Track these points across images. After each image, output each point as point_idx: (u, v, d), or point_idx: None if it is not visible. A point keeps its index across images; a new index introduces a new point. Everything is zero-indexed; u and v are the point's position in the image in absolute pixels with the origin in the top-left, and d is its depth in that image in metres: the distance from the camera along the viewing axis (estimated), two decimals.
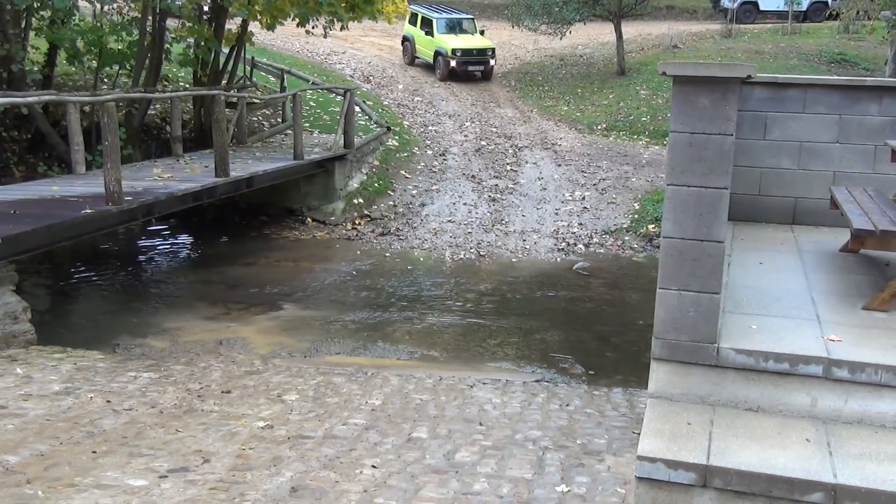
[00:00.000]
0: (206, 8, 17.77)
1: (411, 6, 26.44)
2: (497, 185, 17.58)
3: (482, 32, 27.99)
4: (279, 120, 19.47)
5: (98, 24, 16.16)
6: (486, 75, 27.12)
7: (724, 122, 3.96)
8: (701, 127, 3.99)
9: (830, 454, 3.71)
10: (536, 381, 8.29)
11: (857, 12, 23.50)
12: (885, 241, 5.03)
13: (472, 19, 28.57)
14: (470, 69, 26.66)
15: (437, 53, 26.81)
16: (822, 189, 6.94)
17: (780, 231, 7.00)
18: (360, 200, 16.39)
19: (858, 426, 3.98)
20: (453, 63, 26.11)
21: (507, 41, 31.85)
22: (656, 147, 19.71)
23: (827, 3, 33.00)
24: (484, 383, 7.80)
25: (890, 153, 6.20)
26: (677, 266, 4.13)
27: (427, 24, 27.39)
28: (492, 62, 26.88)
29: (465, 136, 20.91)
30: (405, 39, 28.47)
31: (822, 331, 4.43)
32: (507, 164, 18.90)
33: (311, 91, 21.09)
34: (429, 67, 27.79)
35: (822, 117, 7.17)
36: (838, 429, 3.95)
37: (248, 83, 20.60)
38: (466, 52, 26.32)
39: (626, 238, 14.89)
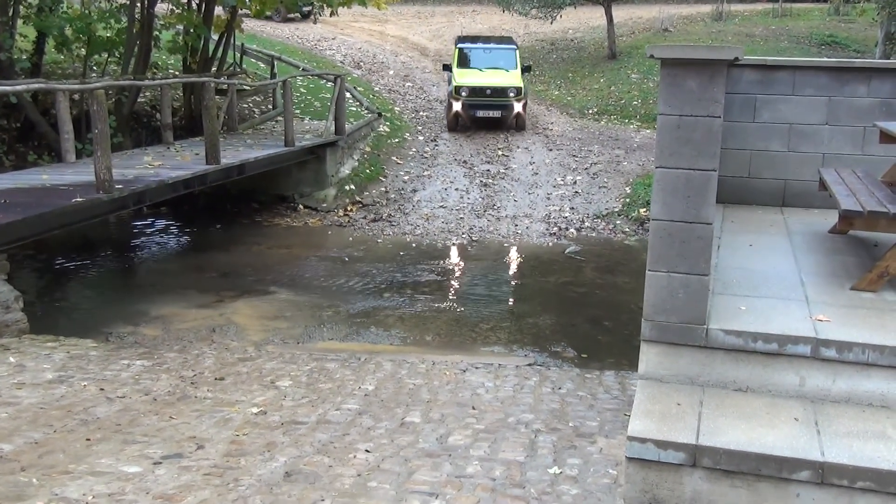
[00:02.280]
0: None
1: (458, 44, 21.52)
2: (489, 170, 17.58)
3: (527, 69, 20.77)
4: (270, 107, 19.41)
5: (86, 12, 16.08)
6: (512, 124, 19.89)
7: (712, 105, 3.98)
8: (689, 109, 4.01)
9: (818, 433, 3.75)
10: (529, 364, 8.31)
11: None
12: (873, 222, 5.06)
13: (514, 49, 20.95)
14: (480, 115, 19.53)
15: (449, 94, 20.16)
16: (812, 171, 6.98)
17: (770, 213, 7.04)
18: (352, 187, 16.37)
19: (846, 405, 4.02)
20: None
21: (497, 26, 31.79)
22: (647, 131, 19.72)
23: None
24: (476, 367, 7.83)
25: (879, 134, 6.23)
26: (666, 248, 4.15)
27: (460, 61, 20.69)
28: (517, 107, 19.46)
29: None
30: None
31: (810, 311, 4.47)
32: (499, 149, 18.89)
33: (301, 77, 21.04)
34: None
35: (812, 99, 7.19)
36: (826, 408, 4.00)
37: (238, 70, 20.53)
38: (477, 91, 19.31)
39: (618, 222, 14.91)
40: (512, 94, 19.39)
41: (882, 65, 7.36)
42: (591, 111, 22.00)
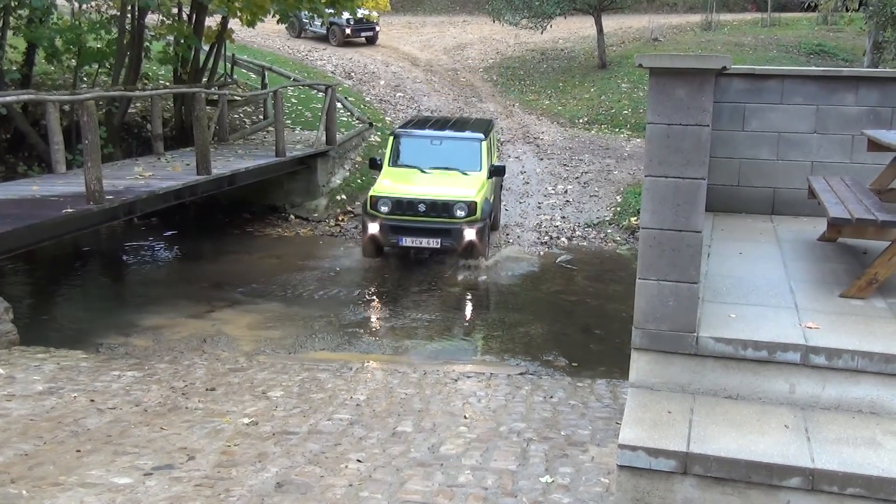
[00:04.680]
0: (185, 8, 17.68)
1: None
2: None
3: (493, 173, 13.43)
4: (261, 117, 19.41)
5: (77, 23, 16.05)
6: (465, 254, 12.54)
7: (701, 113, 4.00)
8: (677, 118, 4.03)
9: (808, 440, 3.76)
10: (520, 373, 8.32)
11: (836, 3, 23.67)
12: (862, 230, 5.09)
13: (480, 141, 13.50)
14: (408, 244, 12.56)
15: None
16: (801, 179, 7.01)
17: (760, 221, 7.06)
18: (343, 197, 16.37)
19: (835, 412, 4.03)
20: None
21: (488, 36, 31.88)
22: (638, 140, 19.77)
23: None
24: (468, 377, 7.83)
25: (866, 143, 6.27)
26: (656, 256, 4.16)
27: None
28: (469, 233, 12.21)
29: None
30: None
31: (799, 318, 4.48)
32: None
33: (292, 88, 21.03)
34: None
35: (800, 108, 7.23)
36: (816, 415, 4.01)
37: (229, 80, 20.51)
38: (404, 205, 12.40)
39: (609, 231, 14.95)
40: (461, 213, 12.07)
41: (870, 73, 7.40)
42: (581, 120, 22.06)
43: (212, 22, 18.03)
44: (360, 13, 27.09)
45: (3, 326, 8.11)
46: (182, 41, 16.68)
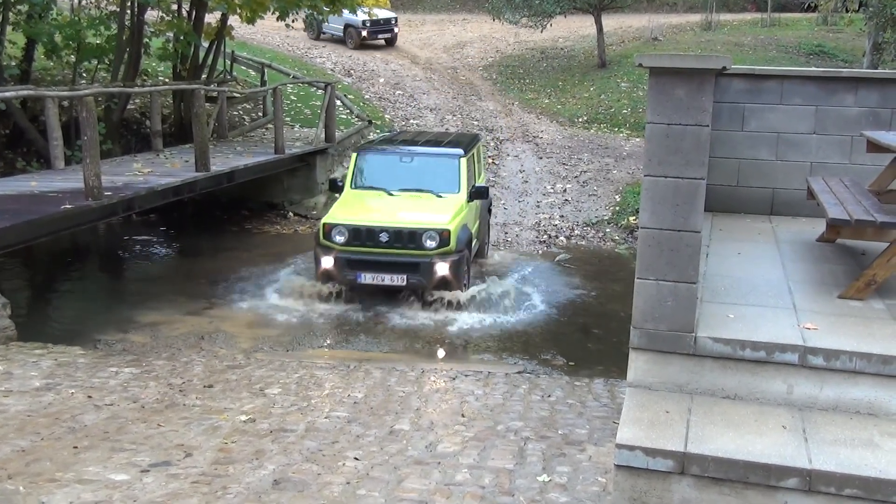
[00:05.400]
0: (185, 4, 17.66)
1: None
2: None
3: (475, 195, 11.61)
4: (260, 114, 19.40)
5: (76, 19, 16.04)
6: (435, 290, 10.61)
7: (700, 113, 4.00)
8: (677, 118, 4.02)
9: (806, 440, 3.76)
10: (518, 372, 8.32)
11: (836, 4, 23.67)
12: (861, 231, 5.09)
13: (458, 158, 11.51)
14: (367, 281, 10.49)
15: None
16: (800, 180, 7.01)
17: (759, 221, 7.06)
18: None
19: (833, 413, 4.04)
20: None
21: (487, 34, 31.87)
22: (637, 139, 19.78)
23: None
24: (466, 375, 7.82)
25: (866, 144, 6.27)
26: (655, 256, 4.16)
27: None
28: (441, 267, 10.32)
29: (447, 129, 20.89)
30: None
31: (798, 319, 4.48)
32: (489, 157, 18.91)
33: (291, 85, 21.02)
34: None
35: (800, 108, 7.23)
36: (814, 415, 4.01)
37: (229, 77, 20.50)
38: (363, 235, 10.45)
39: (608, 230, 14.95)
40: (432, 244, 10.18)
41: (869, 74, 7.40)
42: (580, 119, 22.05)
43: (211, 18, 18.02)
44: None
45: (0, 322, 8.11)
46: (182, 38, 16.66)
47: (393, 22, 29.93)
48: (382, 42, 30.06)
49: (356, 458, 5.37)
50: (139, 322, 9.75)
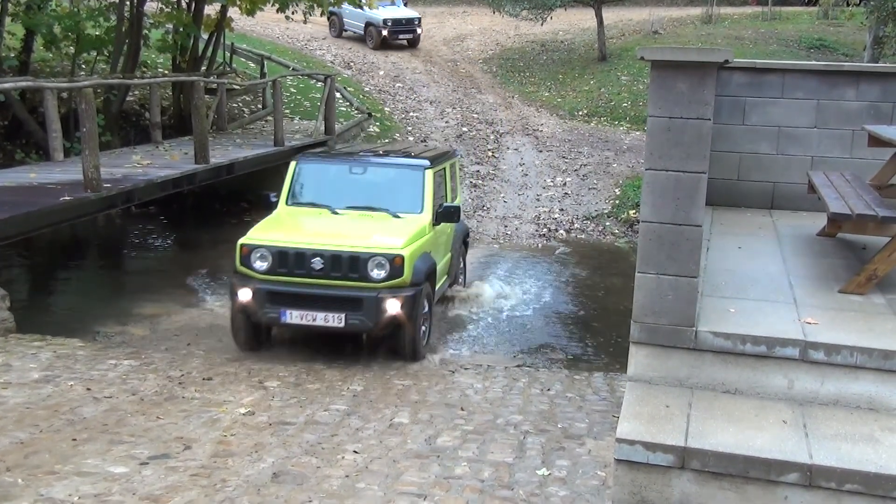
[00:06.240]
0: None
1: None
2: (479, 171, 17.58)
3: (443, 217, 9.10)
4: (259, 106, 19.37)
5: (75, 10, 15.99)
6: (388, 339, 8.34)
7: (702, 107, 3.98)
8: (679, 111, 4.01)
9: (806, 435, 3.75)
10: (518, 366, 8.31)
11: None
12: (862, 225, 5.08)
13: (423, 170, 9.13)
14: (293, 321, 8.04)
15: None
16: (801, 174, 6.99)
17: (759, 215, 7.05)
18: None
19: (834, 408, 4.03)
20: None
21: (487, 27, 31.78)
22: (637, 133, 19.74)
23: None
24: (465, 368, 7.82)
25: (867, 138, 6.25)
26: (655, 250, 4.15)
27: None
28: (391, 305, 7.81)
29: (447, 122, 20.87)
30: None
31: (798, 314, 4.47)
32: (489, 150, 18.89)
33: (291, 77, 20.99)
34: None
35: (801, 102, 7.22)
36: (814, 410, 4.00)
37: (228, 69, 20.46)
38: (290, 261, 7.98)
39: (608, 224, 14.94)
40: (379, 273, 7.89)
41: (870, 68, 7.40)
42: (581, 113, 22.02)
43: (211, 10, 17.96)
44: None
45: None
46: (181, 29, 16.63)
47: (416, 22, 28.21)
48: (405, 43, 28.30)
49: (355, 452, 5.37)
50: (138, 314, 9.74)
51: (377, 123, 19.93)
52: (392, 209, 8.76)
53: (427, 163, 9.20)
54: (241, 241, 8.16)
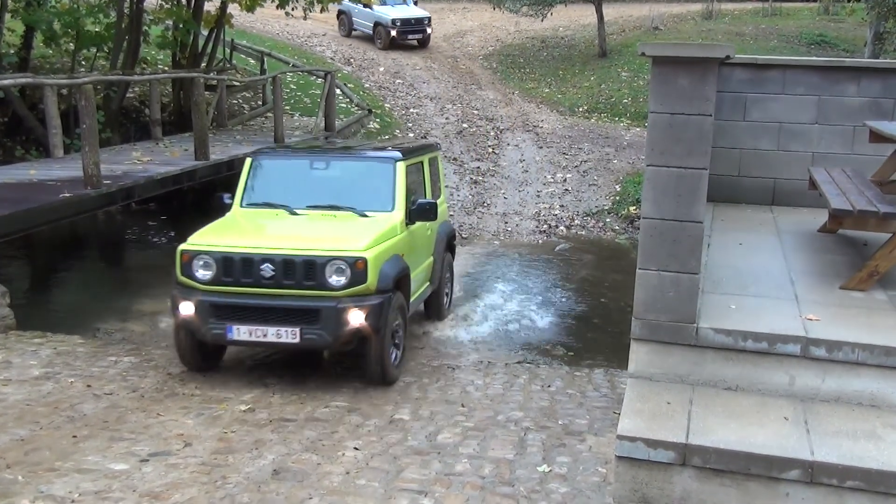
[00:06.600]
0: None
1: None
2: (479, 167, 17.56)
3: (417, 215, 7.93)
4: (259, 103, 19.35)
5: (75, 6, 15.97)
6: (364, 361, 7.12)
7: (703, 103, 3.97)
8: (680, 107, 4.00)
9: (808, 432, 3.75)
10: (518, 362, 8.30)
11: None
12: (863, 221, 5.06)
13: (394, 163, 8.02)
14: (239, 336, 6.90)
15: None
16: (802, 170, 6.99)
17: (760, 212, 7.05)
18: None
19: (835, 404, 4.02)
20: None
21: (488, 23, 31.77)
22: (638, 129, 19.73)
23: None
24: (466, 365, 7.81)
25: (868, 133, 6.24)
26: (657, 246, 4.14)
27: None
28: (352, 317, 6.69)
29: (447, 118, 20.85)
30: None
31: (800, 310, 4.47)
32: (489, 146, 18.87)
33: (291, 74, 20.96)
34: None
35: (802, 98, 7.21)
36: (816, 407, 3.99)
37: (228, 66, 20.45)
38: (236, 269, 6.82)
39: (608, 220, 14.92)
40: (339, 279, 6.76)
41: (872, 64, 7.38)
42: (581, 109, 21.99)
43: (211, 6, 17.95)
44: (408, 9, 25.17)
45: None
46: (181, 25, 16.61)
47: (426, 21, 27.65)
48: (415, 43, 27.81)
49: (356, 448, 5.37)
50: (138, 311, 9.72)
51: (377, 120, 19.91)
52: (359, 208, 7.69)
53: (398, 154, 8.13)
54: (182, 246, 7.12)
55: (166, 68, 18.46)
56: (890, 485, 3.46)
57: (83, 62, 17.21)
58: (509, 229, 14.45)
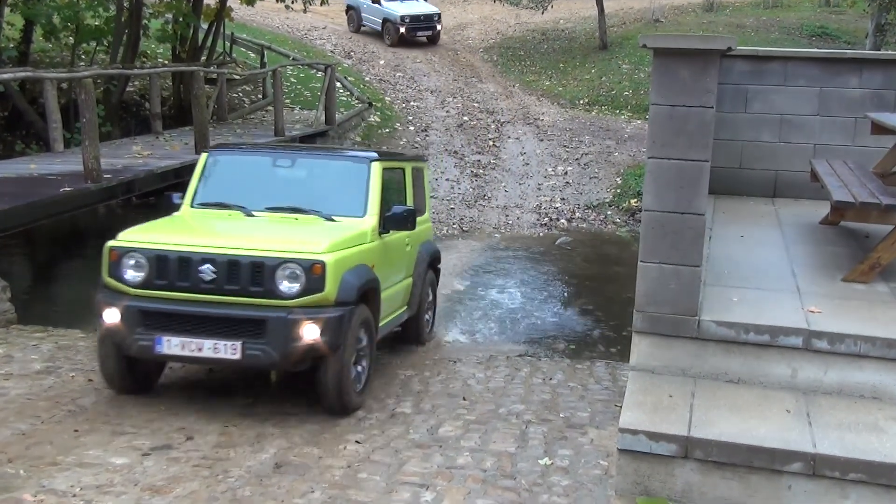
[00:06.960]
0: None
1: None
2: (479, 160, 17.54)
3: (392, 223, 6.77)
4: (260, 96, 19.33)
5: (74, 0, 15.95)
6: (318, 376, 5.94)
7: (705, 95, 3.96)
8: (681, 100, 3.99)
9: (810, 424, 3.74)
10: (520, 355, 8.29)
11: None
12: (865, 213, 5.06)
13: (368, 163, 6.86)
14: (174, 351, 5.76)
15: None
16: (803, 162, 6.97)
17: (761, 204, 7.04)
18: None
19: (838, 396, 4.02)
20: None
21: (488, 15, 31.71)
22: (638, 121, 19.70)
23: None
24: (467, 358, 7.81)
25: (870, 125, 6.23)
26: (658, 239, 4.13)
27: None
28: (307, 332, 5.52)
29: (447, 111, 20.82)
30: None
31: (802, 302, 4.46)
32: (490, 139, 18.85)
33: (291, 67, 20.94)
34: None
35: (803, 90, 7.19)
36: (818, 399, 3.99)
37: (228, 59, 20.41)
38: (181, 272, 5.70)
39: (609, 213, 14.91)
40: (290, 286, 5.58)
41: (873, 56, 7.37)
42: (582, 102, 21.97)
43: (210, 0, 17.91)
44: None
45: (0, 305, 8.08)
46: (181, 19, 16.59)
47: (436, 18, 27.25)
48: (424, 40, 27.39)
49: (357, 442, 5.36)
50: None
51: (378, 113, 19.88)
52: (325, 211, 6.55)
53: (373, 154, 7.13)
54: (110, 243, 5.99)
55: (166, 62, 18.44)
56: (892, 477, 3.45)
57: (83, 56, 17.18)
58: (510, 222, 14.44)
